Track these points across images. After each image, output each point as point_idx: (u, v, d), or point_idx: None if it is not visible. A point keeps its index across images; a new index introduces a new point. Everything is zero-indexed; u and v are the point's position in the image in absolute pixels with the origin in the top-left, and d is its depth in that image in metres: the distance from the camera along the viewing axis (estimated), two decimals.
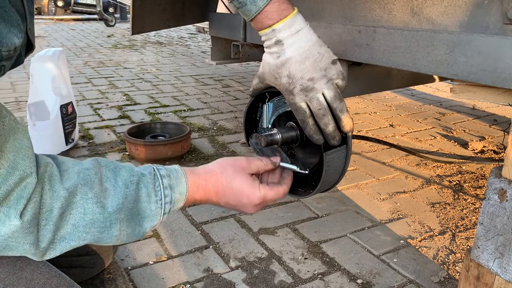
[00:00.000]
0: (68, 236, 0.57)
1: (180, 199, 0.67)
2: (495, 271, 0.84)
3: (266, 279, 1.30)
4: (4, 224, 0.51)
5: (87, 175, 0.59)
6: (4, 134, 0.51)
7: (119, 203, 0.60)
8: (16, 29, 0.46)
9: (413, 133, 2.69)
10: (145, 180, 0.63)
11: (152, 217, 0.64)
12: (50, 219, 0.54)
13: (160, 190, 0.64)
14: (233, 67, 4.76)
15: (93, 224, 0.58)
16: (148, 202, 0.63)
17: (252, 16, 0.71)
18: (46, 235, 0.55)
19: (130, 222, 0.62)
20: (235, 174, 0.71)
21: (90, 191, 0.58)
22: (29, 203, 0.52)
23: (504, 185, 0.81)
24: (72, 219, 0.56)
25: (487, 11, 0.99)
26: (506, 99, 0.95)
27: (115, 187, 0.60)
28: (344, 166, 0.77)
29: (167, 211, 0.65)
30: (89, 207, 0.57)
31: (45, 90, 2.09)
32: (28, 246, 0.54)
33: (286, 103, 0.82)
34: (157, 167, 0.67)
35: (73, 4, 10.43)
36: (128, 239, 0.63)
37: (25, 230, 0.52)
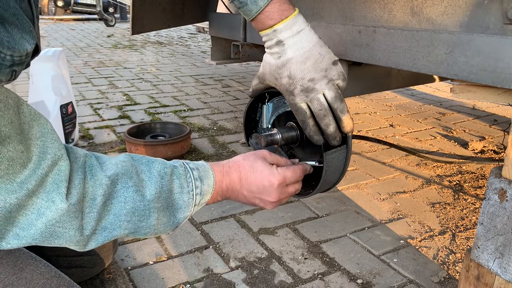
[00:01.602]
0: (110, 226, 0.58)
1: (208, 191, 0.69)
2: (495, 271, 0.84)
3: (266, 279, 1.30)
4: (50, 209, 0.51)
5: (125, 166, 0.60)
6: (27, 121, 0.51)
7: (157, 191, 0.61)
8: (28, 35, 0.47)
9: (413, 133, 2.69)
10: (177, 172, 0.66)
11: (185, 208, 0.66)
12: (93, 206, 0.55)
13: (191, 182, 0.66)
14: (233, 67, 4.76)
15: (133, 212, 0.59)
16: (181, 193, 0.65)
17: (252, 16, 0.71)
18: (90, 223, 0.55)
19: (166, 212, 0.64)
20: (256, 159, 0.73)
21: (130, 180, 0.59)
22: (73, 188, 0.53)
23: (504, 185, 0.81)
24: (113, 208, 0.57)
25: (487, 11, 0.99)
26: (506, 99, 0.95)
27: (151, 178, 0.62)
28: (344, 166, 0.77)
29: (197, 202, 0.67)
30: (129, 196, 0.59)
31: (45, 90, 2.09)
32: (74, 231, 0.54)
33: (285, 103, 0.82)
34: (185, 161, 0.70)
35: (73, 4, 10.43)
36: (164, 229, 0.65)
37: (71, 214, 0.53)
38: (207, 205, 0.73)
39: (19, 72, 0.48)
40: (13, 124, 0.48)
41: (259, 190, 0.72)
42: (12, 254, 0.68)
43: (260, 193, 0.72)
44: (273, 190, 0.72)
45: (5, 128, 0.47)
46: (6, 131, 0.47)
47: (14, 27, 0.45)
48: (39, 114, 0.54)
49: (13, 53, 0.45)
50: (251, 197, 0.73)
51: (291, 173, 0.74)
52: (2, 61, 0.44)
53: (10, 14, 0.45)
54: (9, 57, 0.45)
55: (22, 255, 0.69)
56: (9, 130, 0.47)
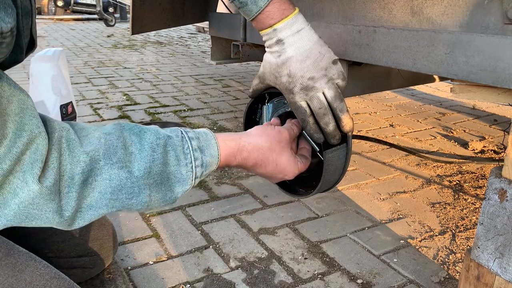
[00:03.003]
0: (95, 204, 0.54)
1: (212, 162, 0.63)
2: (495, 271, 0.84)
3: (266, 279, 1.30)
4: (23, 189, 0.48)
5: (109, 140, 0.56)
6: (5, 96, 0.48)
7: (147, 167, 0.57)
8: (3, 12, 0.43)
9: (413, 133, 2.69)
10: (172, 143, 0.60)
11: (183, 181, 0.61)
12: (72, 185, 0.52)
13: (189, 153, 0.61)
14: (233, 67, 4.76)
15: (120, 190, 0.55)
16: (178, 166, 0.60)
17: (253, 16, 0.71)
18: (70, 203, 0.52)
19: (160, 187, 0.59)
20: (282, 151, 0.70)
21: (114, 156, 0.55)
22: (47, 169, 0.50)
23: (504, 185, 0.81)
24: (98, 186, 0.54)
25: (487, 11, 0.99)
26: (506, 99, 0.95)
27: (141, 151, 0.57)
28: (344, 165, 0.77)
29: (199, 175, 0.62)
30: (114, 173, 0.54)
31: (45, 90, 2.09)
32: (51, 214, 0.51)
33: (285, 104, 0.82)
34: (185, 129, 0.64)
35: (73, 4, 10.43)
36: (159, 205, 0.61)
37: (45, 197, 0.49)
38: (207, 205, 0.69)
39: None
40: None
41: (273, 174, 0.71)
42: (11, 255, 0.68)
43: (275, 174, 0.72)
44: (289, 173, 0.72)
45: None
46: None
47: None
48: (20, 89, 0.50)
49: None
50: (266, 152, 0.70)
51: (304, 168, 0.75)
52: None
53: None
54: None
55: (22, 256, 0.69)
56: None
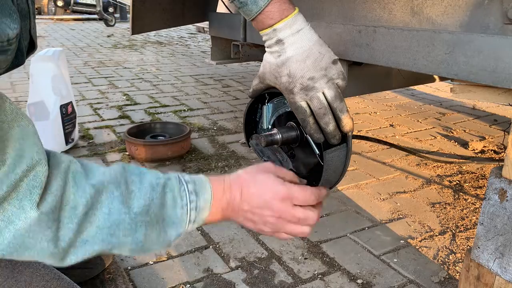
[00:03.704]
0: (91, 240, 0.53)
1: (205, 206, 0.63)
2: (495, 271, 0.84)
3: (266, 279, 1.30)
4: (19, 217, 0.47)
5: (113, 174, 0.56)
6: (7, 121, 0.47)
7: (146, 204, 0.57)
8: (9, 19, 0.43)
9: (413, 133, 2.69)
10: (170, 184, 0.60)
11: (178, 223, 0.60)
12: (74, 216, 0.51)
13: (185, 195, 0.61)
14: (233, 67, 4.76)
15: (118, 225, 0.54)
16: (174, 207, 0.59)
17: (253, 16, 0.71)
18: (68, 234, 0.51)
19: (155, 227, 0.58)
20: (259, 171, 0.68)
21: (116, 189, 0.55)
22: (48, 194, 0.49)
23: (504, 185, 0.81)
24: (96, 220, 0.53)
25: (487, 11, 0.99)
26: (506, 99, 0.95)
27: (141, 189, 0.57)
28: (344, 165, 0.77)
29: (193, 218, 0.62)
30: (114, 206, 0.54)
31: (45, 90, 2.09)
32: (46, 243, 0.49)
33: (285, 104, 0.82)
34: (181, 173, 0.64)
35: (73, 4, 10.43)
36: (153, 246, 0.60)
37: (42, 224, 0.48)
38: None
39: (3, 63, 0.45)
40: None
41: (259, 204, 0.65)
42: None
43: (261, 207, 0.65)
44: (274, 203, 0.64)
45: None
46: None
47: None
48: (22, 114, 0.50)
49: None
50: (250, 213, 0.65)
51: (299, 191, 0.66)
52: None
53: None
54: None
55: None
56: None
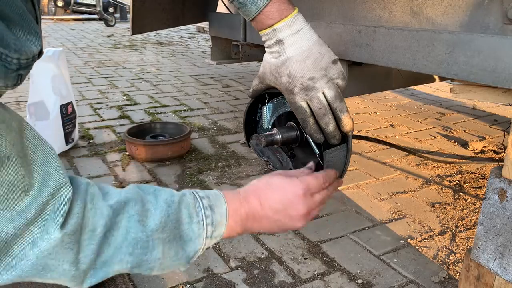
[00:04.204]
0: (110, 260, 0.54)
1: (221, 221, 0.63)
2: (495, 271, 0.84)
3: (266, 279, 1.30)
4: (43, 238, 0.47)
5: (129, 193, 0.57)
6: (31, 147, 0.48)
7: (162, 221, 0.57)
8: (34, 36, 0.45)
9: (413, 133, 2.69)
10: (186, 200, 0.61)
11: (195, 240, 0.61)
12: (93, 238, 0.52)
13: (200, 211, 0.61)
14: (233, 67, 4.76)
15: (135, 244, 0.55)
16: (190, 223, 0.60)
17: (252, 16, 0.71)
18: (88, 256, 0.52)
19: (173, 244, 0.59)
20: (271, 176, 0.68)
21: (132, 208, 0.56)
22: (71, 217, 0.50)
23: (504, 185, 0.81)
24: (114, 241, 0.54)
25: (487, 11, 0.99)
26: (506, 99, 0.95)
27: (156, 207, 0.58)
28: (344, 165, 0.77)
29: (209, 234, 0.62)
30: (131, 226, 0.55)
31: (45, 90, 2.09)
32: (68, 265, 0.50)
33: (285, 104, 0.82)
34: (195, 190, 0.65)
35: (73, 4, 10.43)
36: (172, 264, 0.60)
37: (65, 245, 0.49)
38: None
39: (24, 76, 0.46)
40: (15, 146, 0.45)
41: (284, 206, 0.66)
42: None
43: (286, 209, 0.66)
44: (299, 201, 0.66)
45: (6, 149, 0.44)
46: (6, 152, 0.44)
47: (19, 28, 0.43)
48: (43, 139, 0.51)
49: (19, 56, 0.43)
50: (276, 218, 0.66)
51: (313, 179, 0.68)
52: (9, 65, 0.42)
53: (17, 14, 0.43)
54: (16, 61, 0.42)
55: None
56: (10, 151, 0.44)
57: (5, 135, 0.44)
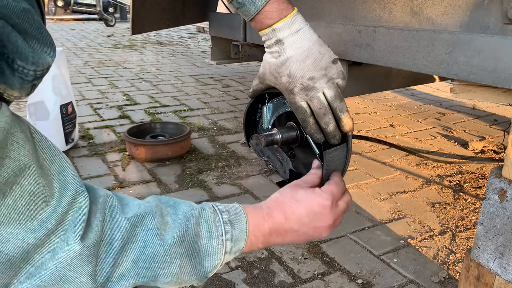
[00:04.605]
0: (127, 273, 0.53)
1: (241, 237, 0.62)
2: (495, 271, 0.84)
3: (266, 279, 1.30)
4: (63, 249, 0.48)
5: (148, 207, 0.56)
6: (47, 157, 0.49)
7: (180, 235, 0.57)
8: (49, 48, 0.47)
9: (413, 133, 2.69)
10: (205, 214, 0.60)
11: (214, 255, 0.60)
12: (110, 251, 0.52)
13: (220, 225, 0.60)
14: (233, 67, 4.76)
15: (153, 258, 0.55)
16: (209, 238, 0.59)
17: (251, 16, 0.71)
18: (105, 269, 0.51)
19: (191, 259, 0.58)
20: (294, 189, 0.68)
21: (151, 222, 0.55)
22: (90, 230, 0.50)
23: (504, 185, 0.81)
24: (131, 254, 0.53)
25: (487, 11, 0.99)
26: (506, 99, 0.95)
27: (175, 220, 0.58)
28: (344, 165, 0.77)
29: (229, 250, 0.61)
30: (149, 239, 0.54)
31: (45, 90, 2.09)
32: (86, 278, 0.50)
33: (285, 104, 0.82)
34: (215, 203, 0.64)
35: (73, 4, 10.43)
36: (189, 279, 0.59)
37: (84, 258, 0.49)
38: None
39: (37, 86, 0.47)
40: (33, 156, 0.46)
41: (311, 219, 0.66)
42: None
43: (313, 221, 0.66)
44: (327, 213, 0.66)
45: (25, 158, 0.44)
46: (26, 161, 0.44)
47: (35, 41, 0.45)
48: (58, 150, 0.51)
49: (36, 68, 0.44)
50: (303, 230, 0.66)
51: (335, 187, 0.69)
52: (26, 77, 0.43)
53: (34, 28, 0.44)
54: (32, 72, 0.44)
55: None
56: (29, 160, 0.45)
57: (24, 144, 0.44)
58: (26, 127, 0.46)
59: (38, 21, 0.45)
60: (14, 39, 0.41)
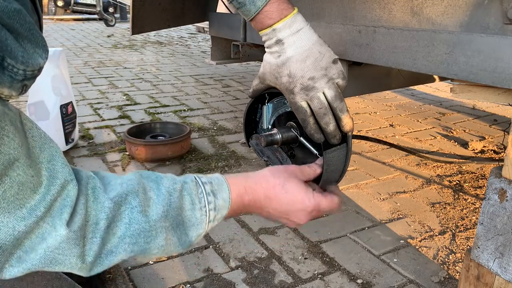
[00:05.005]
0: (115, 249, 0.56)
1: (224, 206, 0.65)
2: (495, 271, 0.84)
3: (266, 279, 1.30)
4: (51, 235, 0.50)
5: (130, 185, 0.58)
6: (37, 145, 0.50)
7: (164, 210, 0.59)
8: (41, 49, 0.47)
9: (413, 133, 2.69)
10: (187, 187, 0.62)
11: (198, 225, 0.63)
12: (96, 231, 0.54)
13: (203, 197, 0.63)
14: (233, 67, 4.76)
15: (139, 234, 0.57)
16: (193, 210, 0.62)
17: (251, 16, 0.71)
18: (93, 248, 0.54)
19: (176, 231, 0.61)
20: (288, 178, 0.69)
21: (134, 200, 0.57)
22: (75, 214, 0.52)
23: (504, 185, 0.81)
24: (118, 231, 0.55)
25: (487, 11, 0.99)
26: (506, 99, 0.95)
27: (158, 196, 0.59)
28: (344, 165, 0.77)
29: (212, 218, 0.64)
30: (134, 217, 0.56)
31: (45, 90, 2.09)
32: (75, 259, 0.53)
33: (285, 104, 0.82)
34: (198, 175, 0.66)
35: (73, 4, 10.43)
36: (175, 249, 0.62)
37: (71, 241, 0.51)
38: None
39: (29, 86, 0.48)
40: (22, 147, 0.47)
41: (288, 212, 0.69)
42: None
43: (289, 214, 0.69)
44: (304, 215, 0.69)
45: (15, 152, 0.46)
46: (15, 154, 0.46)
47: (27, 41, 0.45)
48: (49, 138, 0.53)
49: (26, 67, 0.45)
50: (277, 215, 0.70)
51: (327, 203, 0.71)
52: (15, 76, 0.44)
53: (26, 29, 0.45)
54: (22, 72, 0.45)
55: None
56: (18, 153, 0.46)
57: (14, 138, 0.46)
58: (16, 116, 0.48)
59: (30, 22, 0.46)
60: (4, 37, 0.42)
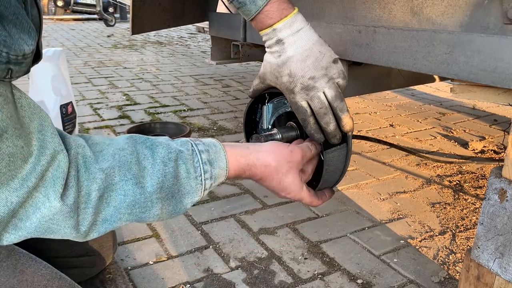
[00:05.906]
0: (110, 218, 0.56)
1: (221, 174, 0.65)
2: (495, 271, 0.84)
3: (266, 279, 1.30)
4: (45, 205, 0.50)
5: (123, 155, 0.57)
6: (27, 115, 0.50)
7: (159, 181, 0.58)
8: (26, 35, 0.47)
9: (413, 133, 2.69)
10: (183, 157, 0.61)
11: (193, 193, 0.62)
12: (88, 202, 0.54)
13: (199, 166, 0.62)
14: (233, 67, 4.76)
15: (134, 205, 0.57)
16: (188, 179, 0.61)
17: (252, 16, 0.71)
18: (87, 218, 0.54)
19: (171, 200, 0.61)
20: (289, 171, 0.70)
21: (129, 172, 0.56)
22: (68, 187, 0.52)
23: (504, 185, 0.81)
24: (113, 201, 0.56)
25: (487, 11, 0.99)
26: (506, 99, 0.95)
27: (153, 166, 0.59)
28: (344, 165, 0.77)
29: (208, 186, 0.64)
30: (129, 189, 0.56)
31: (45, 90, 2.09)
32: (69, 230, 0.54)
33: (285, 104, 0.82)
34: (195, 141, 0.65)
35: (73, 4, 10.43)
36: (170, 216, 0.63)
37: (65, 214, 0.52)
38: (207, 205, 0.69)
39: (16, 73, 0.47)
40: (12, 118, 0.47)
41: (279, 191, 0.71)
42: (12, 256, 0.68)
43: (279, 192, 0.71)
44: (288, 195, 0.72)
45: (3, 123, 0.45)
46: (3, 126, 0.46)
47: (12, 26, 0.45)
48: (39, 107, 0.52)
49: (9, 51, 0.44)
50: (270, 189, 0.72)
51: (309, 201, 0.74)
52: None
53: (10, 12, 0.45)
54: (5, 54, 0.44)
55: (23, 257, 0.69)
56: (7, 124, 0.46)
57: (1, 108, 0.46)
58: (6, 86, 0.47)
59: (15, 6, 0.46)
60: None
